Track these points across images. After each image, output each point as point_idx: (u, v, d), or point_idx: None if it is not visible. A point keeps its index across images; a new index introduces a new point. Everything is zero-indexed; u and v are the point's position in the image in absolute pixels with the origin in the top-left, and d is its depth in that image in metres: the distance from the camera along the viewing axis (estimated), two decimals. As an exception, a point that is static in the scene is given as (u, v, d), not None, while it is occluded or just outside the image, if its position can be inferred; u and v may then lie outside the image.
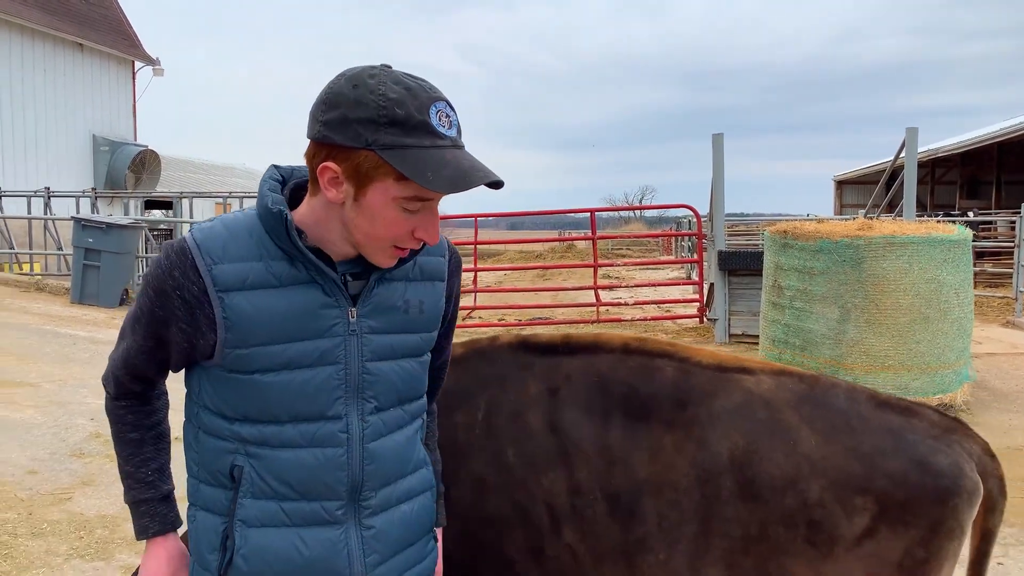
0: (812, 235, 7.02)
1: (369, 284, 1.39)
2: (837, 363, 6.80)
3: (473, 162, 1.29)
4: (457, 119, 1.30)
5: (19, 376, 6.56)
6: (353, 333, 1.38)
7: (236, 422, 1.37)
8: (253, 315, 1.32)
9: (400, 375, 1.44)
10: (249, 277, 1.32)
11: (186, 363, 1.42)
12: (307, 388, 1.36)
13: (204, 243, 1.32)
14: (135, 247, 11.02)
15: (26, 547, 3.76)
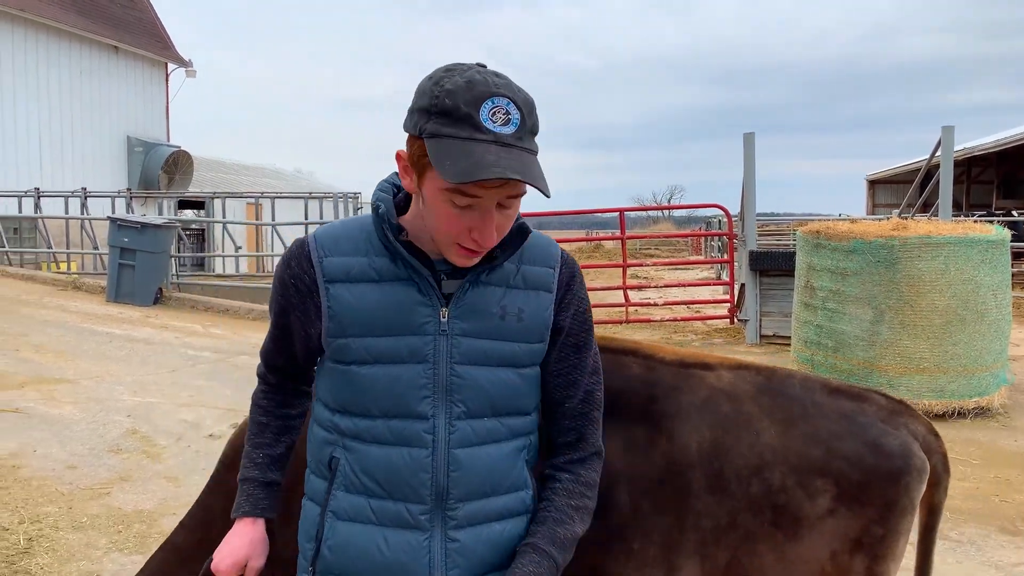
0: (845, 235, 6.93)
1: (462, 286, 1.38)
2: (871, 365, 6.72)
3: (502, 159, 1.24)
4: (520, 117, 1.27)
5: (58, 373, 6.69)
6: (443, 333, 1.37)
7: (336, 413, 1.41)
8: (352, 306, 1.37)
9: (493, 383, 1.40)
10: (353, 270, 1.38)
11: (308, 355, 1.48)
12: (397, 384, 1.37)
13: (320, 238, 1.42)
14: (169, 246, 11.18)
15: (67, 540, 3.84)
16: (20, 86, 19.86)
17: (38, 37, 20.39)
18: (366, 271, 1.38)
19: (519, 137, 1.26)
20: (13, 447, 4.90)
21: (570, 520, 1.44)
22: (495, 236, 1.33)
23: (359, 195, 13.63)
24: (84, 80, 21.86)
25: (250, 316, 10.63)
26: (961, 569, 3.93)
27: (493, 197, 1.28)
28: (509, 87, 1.28)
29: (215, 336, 9.07)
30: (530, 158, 1.27)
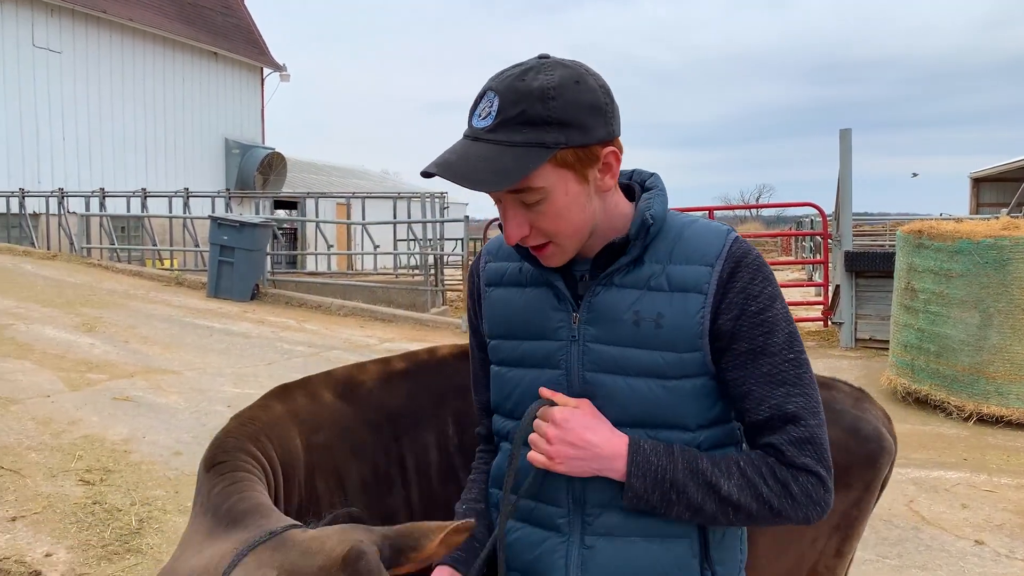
0: (950, 235, 6.62)
1: (592, 289, 1.31)
2: (977, 371, 6.41)
3: (447, 154, 1.23)
4: (498, 107, 1.20)
5: (164, 364, 7.02)
6: (574, 339, 1.32)
7: (494, 415, 1.45)
8: (500, 309, 1.40)
9: (631, 394, 1.29)
10: (505, 274, 1.42)
11: None
12: (533, 388, 1.34)
13: (490, 244, 1.48)
14: (265, 244, 11.58)
15: (174, 522, 4.03)
16: (128, 92, 20.95)
17: (144, 45, 21.45)
18: (516, 276, 1.40)
19: (492, 129, 1.20)
20: (125, 433, 5.17)
21: (727, 472, 1.26)
22: (521, 233, 1.26)
23: (445, 194, 13.85)
24: (186, 85, 22.88)
25: (341, 312, 10.91)
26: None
27: (500, 193, 1.26)
28: (509, 80, 1.21)
29: (308, 331, 9.35)
30: (493, 149, 1.19)
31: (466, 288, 1.51)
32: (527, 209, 1.24)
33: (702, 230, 1.32)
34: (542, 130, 1.19)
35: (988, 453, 5.75)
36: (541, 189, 1.22)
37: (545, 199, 1.23)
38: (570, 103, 1.19)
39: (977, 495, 4.93)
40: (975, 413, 6.40)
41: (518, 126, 1.18)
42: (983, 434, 6.21)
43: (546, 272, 1.34)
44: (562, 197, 1.23)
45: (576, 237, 1.29)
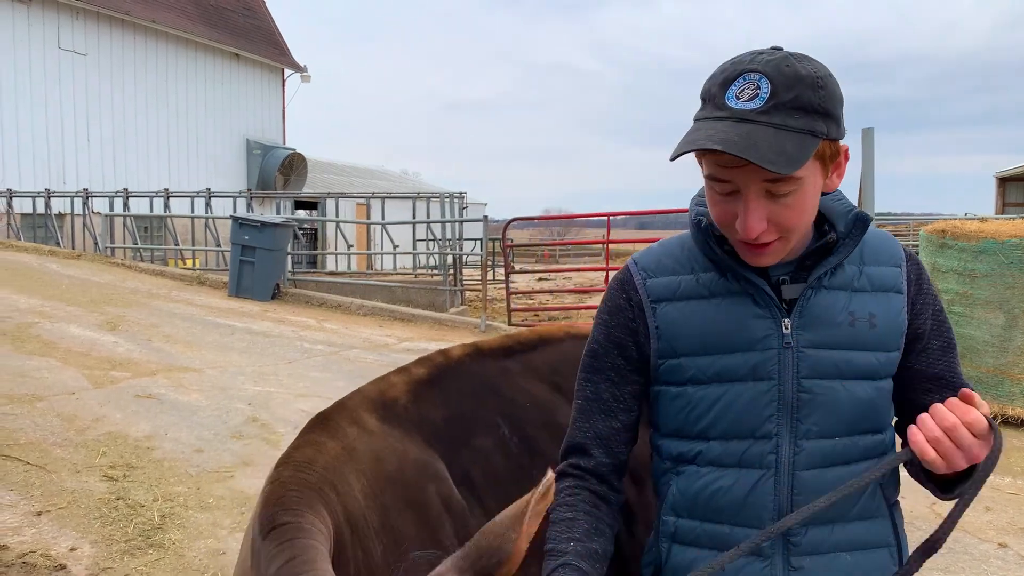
0: (975, 235, 6.55)
1: (804, 292, 1.27)
2: (1002, 372, 6.33)
3: (719, 132, 1.15)
4: (771, 89, 1.15)
5: (186, 362, 7.09)
6: (788, 346, 1.26)
7: (667, 438, 1.35)
8: (682, 324, 1.30)
9: (848, 399, 1.26)
10: (680, 288, 1.32)
11: (641, 392, 1.38)
12: (737, 404, 1.27)
13: (640, 261, 1.38)
14: (286, 244, 11.67)
15: (195, 519, 4.07)
16: (151, 93, 21.18)
17: (168, 47, 21.67)
18: (695, 288, 1.31)
19: (764, 112, 1.14)
20: (148, 430, 5.23)
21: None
22: (760, 227, 1.19)
23: (464, 195, 13.88)
24: (208, 86, 23.10)
25: (361, 312, 10.96)
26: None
27: (749, 182, 1.18)
28: (773, 64, 1.16)
29: (328, 331, 9.40)
30: (771, 132, 1.14)
31: (610, 311, 1.38)
32: (771, 201, 1.19)
33: (876, 232, 1.34)
34: (812, 118, 1.16)
35: (1012, 456, 5.68)
36: (799, 180, 1.18)
37: (796, 191, 1.19)
38: (832, 95, 1.18)
39: (1001, 498, 4.87)
40: (999, 415, 6.32)
41: (792, 111, 1.15)
42: (1008, 436, 6.13)
43: (740, 280, 1.28)
44: (810, 190, 1.21)
45: (801, 234, 1.26)
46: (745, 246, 1.24)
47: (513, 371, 1.71)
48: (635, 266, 1.37)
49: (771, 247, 1.23)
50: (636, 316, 1.34)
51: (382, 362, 7.89)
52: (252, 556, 1.22)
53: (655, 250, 1.39)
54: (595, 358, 1.38)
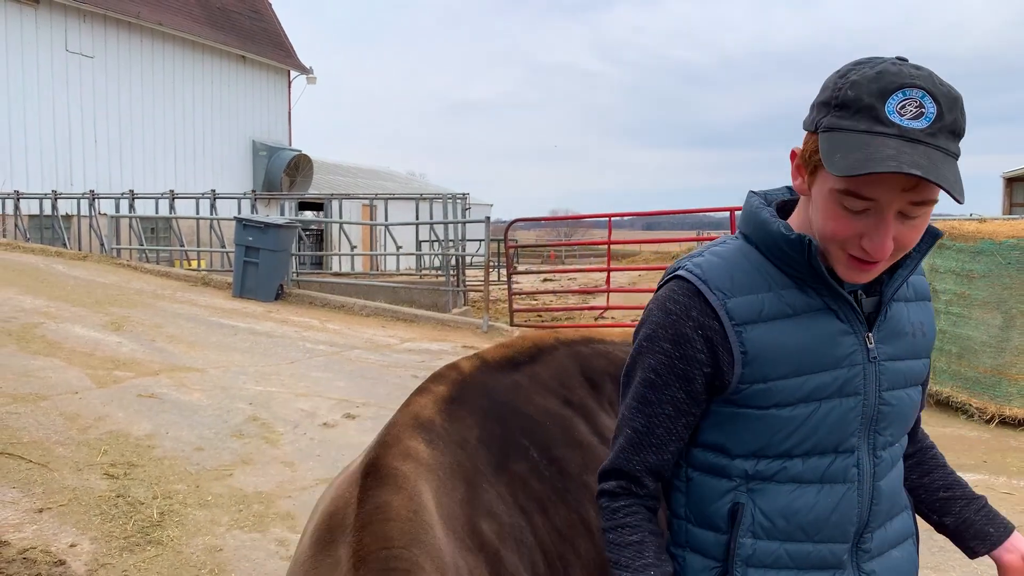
0: (972, 236, 6.57)
1: (882, 308, 1.28)
2: (999, 373, 6.34)
3: (904, 154, 1.09)
4: (936, 112, 1.11)
5: (189, 362, 7.16)
6: (873, 360, 1.27)
7: (739, 458, 1.29)
8: (773, 347, 1.24)
9: (909, 406, 1.32)
10: (764, 308, 1.25)
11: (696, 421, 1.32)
12: (825, 422, 1.25)
13: (711, 279, 1.26)
14: (290, 245, 11.74)
15: (194, 516, 4.13)
16: (158, 95, 21.30)
17: (174, 49, 21.80)
18: (779, 307, 1.25)
19: (931, 133, 1.10)
20: (149, 428, 5.29)
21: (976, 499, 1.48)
22: (890, 247, 1.16)
23: (467, 196, 13.94)
24: (214, 89, 23.21)
25: (364, 312, 11.02)
26: None
27: (893, 201, 1.14)
28: (930, 79, 1.12)
29: (331, 331, 9.46)
30: (941, 156, 1.10)
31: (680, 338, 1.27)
32: (902, 221, 1.16)
33: None
34: (957, 142, 1.14)
35: (1009, 456, 5.69)
36: (934, 203, 1.16)
37: (926, 213, 1.17)
38: (966, 122, 1.16)
39: (995, 497, 4.88)
40: (997, 415, 6.34)
41: (950, 135, 1.12)
42: (1004, 436, 6.15)
43: (823, 295, 1.26)
44: (930, 214, 1.19)
45: None
46: (855, 262, 1.20)
47: (524, 386, 1.71)
48: (705, 285, 1.25)
49: (878, 266, 1.20)
50: (716, 345, 1.25)
51: (384, 362, 7.94)
52: None
53: (721, 265, 1.28)
54: (653, 389, 1.30)
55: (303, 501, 4.42)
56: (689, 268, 1.28)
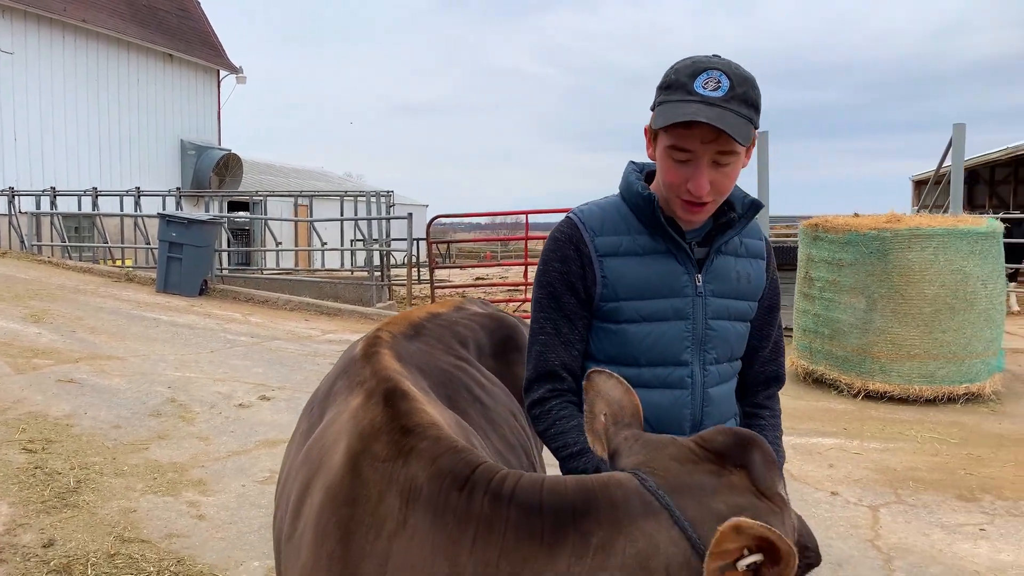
0: (842, 228, 7.23)
1: (710, 256, 1.68)
2: (864, 352, 7.01)
3: (701, 111, 1.48)
4: (730, 85, 1.52)
5: (109, 351, 7.36)
6: (700, 295, 1.67)
7: (601, 363, 1.67)
8: (624, 276, 1.65)
9: (733, 335, 1.72)
10: (621, 246, 1.67)
11: (588, 326, 1.70)
12: (663, 338, 1.66)
13: (587, 220, 1.70)
14: (213, 241, 11.89)
15: (109, 483, 4.42)
16: (81, 93, 20.98)
17: (98, 46, 21.51)
18: (632, 246, 1.66)
19: (726, 100, 1.51)
20: (67, 409, 5.53)
21: (778, 451, 1.78)
22: (707, 188, 1.55)
23: (391, 193, 14.25)
24: (141, 87, 22.95)
25: (288, 307, 11.26)
26: (909, 528, 4.27)
27: (703, 151, 1.53)
28: (728, 65, 1.55)
29: (253, 324, 9.70)
30: (731, 115, 1.50)
31: (564, 258, 1.68)
32: (715, 169, 1.55)
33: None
34: (752, 110, 1.56)
35: (867, 424, 6.34)
36: (737, 155, 1.56)
37: (733, 164, 1.57)
38: (760, 96, 1.59)
39: (845, 457, 5.49)
40: (862, 390, 7.01)
41: (742, 103, 1.53)
42: (867, 408, 6.82)
43: (668, 241, 1.65)
44: (739, 165, 1.60)
45: (723, 200, 1.64)
46: (687, 205, 1.59)
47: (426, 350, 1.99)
48: (582, 225, 1.68)
49: (706, 207, 1.60)
50: (585, 265, 1.65)
51: (303, 351, 8.25)
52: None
53: (596, 211, 1.70)
54: (553, 298, 1.68)
55: (215, 470, 4.75)
56: (575, 212, 1.72)
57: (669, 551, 1.14)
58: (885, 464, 5.30)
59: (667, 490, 1.19)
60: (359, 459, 1.36)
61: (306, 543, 1.37)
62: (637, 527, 1.16)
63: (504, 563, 1.18)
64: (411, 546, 1.25)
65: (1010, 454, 5.50)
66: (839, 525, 4.27)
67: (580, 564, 1.15)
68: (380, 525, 1.28)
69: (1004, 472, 5.14)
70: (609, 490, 1.20)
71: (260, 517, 4.14)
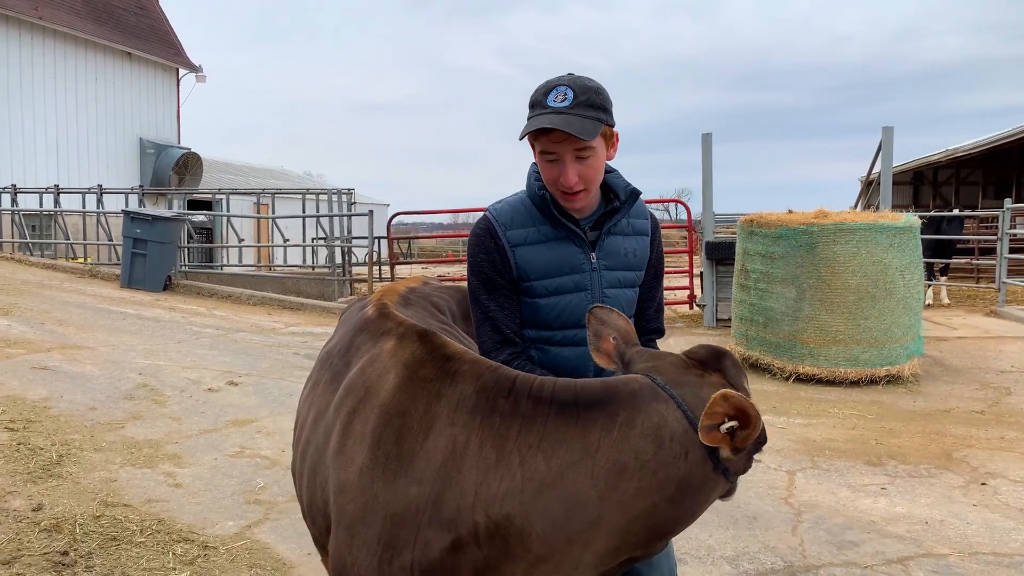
0: (775, 223, 7.78)
1: (601, 237, 2.05)
2: (794, 338, 7.56)
3: (549, 119, 1.85)
4: (574, 95, 1.88)
5: (79, 341, 7.61)
6: (595, 270, 2.05)
7: (528, 328, 2.09)
8: (532, 261, 2.03)
9: (624, 298, 2.09)
10: (528, 237, 2.04)
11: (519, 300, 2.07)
12: (568, 307, 2.04)
13: (499, 217, 2.06)
14: (177, 238, 12.11)
15: (90, 457, 4.75)
16: (39, 91, 20.89)
17: (55, 45, 21.43)
18: (536, 236, 2.03)
19: (572, 107, 1.87)
20: (44, 394, 5.82)
21: None
22: (575, 179, 1.91)
23: (352, 191, 14.56)
24: (99, 85, 22.89)
25: (251, 302, 11.55)
26: (820, 488, 4.78)
27: (563, 150, 1.90)
28: (573, 80, 1.92)
29: (217, 317, 9.99)
30: (575, 118, 1.86)
31: (487, 251, 2.05)
32: (579, 162, 1.90)
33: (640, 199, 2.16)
34: (599, 111, 1.91)
35: (795, 403, 6.89)
36: (594, 148, 1.91)
37: (593, 156, 1.92)
38: (607, 99, 1.95)
39: (771, 431, 6.00)
40: (793, 373, 7.56)
41: (587, 107, 1.89)
42: (796, 390, 7.37)
43: (569, 227, 2.02)
44: (600, 156, 1.94)
45: (596, 187, 1.99)
46: (564, 195, 1.95)
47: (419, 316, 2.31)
48: (495, 221, 2.03)
49: (580, 195, 1.95)
50: (502, 254, 2.02)
51: (267, 342, 8.58)
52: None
53: (507, 209, 2.06)
54: (488, 282, 2.04)
55: (188, 446, 5.10)
56: (490, 210, 2.09)
57: (674, 424, 1.58)
58: (806, 436, 5.84)
59: (670, 384, 1.63)
60: (409, 382, 1.71)
61: (362, 450, 1.68)
62: (652, 407, 1.59)
63: (545, 443, 1.57)
64: (458, 442, 1.60)
65: (918, 427, 6.08)
66: (759, 487, 4.77)
67: (608, 436, 1.57)
68: (429, 427, 1.63)
69: (911, 441, 5.70)
70: (629, 384, 1.64)
71: (233, 485, 4.51)
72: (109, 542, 3.68)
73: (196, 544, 3.74)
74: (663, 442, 1.57)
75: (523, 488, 1.55)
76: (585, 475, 1.55)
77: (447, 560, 1.58)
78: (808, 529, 4.16)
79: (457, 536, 1.57)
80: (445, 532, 1.57)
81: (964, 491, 4.72)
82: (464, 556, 1.57)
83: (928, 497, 4.62)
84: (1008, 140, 21.72)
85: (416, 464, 1.60)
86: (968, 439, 5.75)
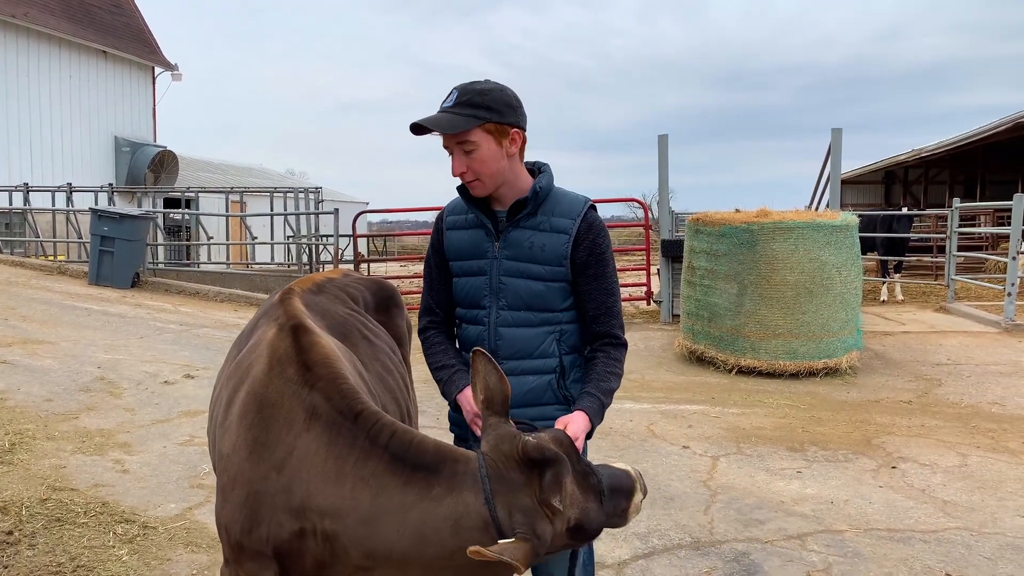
0: (719, 222, 8.07)
1: (507, 228, 2.23)
2: (736, 332, 7.86)
3: (424, 117, 2.08)
4: (457, 96, 2.11)
5: (41, 337, 7.78)
6: (496, 258, 2.24)
7: (457, 306, 2.36)
8: (455, 243, 2.31)
9: (524, 289, 2.22)
10: (459, 222, 2.31)
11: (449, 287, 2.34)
12: (471, 288, 2.28)
13: (450, 205, 2.35)
14: (145, 235, 12.26)
15: (42, 446, 4.95)
16: (12, 89, 20.89)
17: (29, 42, 21.43)
18: (463, 222, 2.30)
19: (451, 107, 2.10)
20: (1, 386, 6.00)
21: (608, 379, 2.23)
22: (460, 169, 2.15)
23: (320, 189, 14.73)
24: (73, 83, 22.90)
25: (218, 299, 11.72)
26: (739, 472, 5.06)
27: (450, 145, 2.14)
28: (469, 83, 2.14)
29: (183, 313, 10.16)
30: (447, 116, 2.08)
31: (434, 234, 2.39)
32: (466, 156, 2.12)
33: (572, 198, 2.28)
34: (478, 109, 2.10)
35: (734, 394, 7.17)
36: (474, 143, 2.11)
37: (476, 150, 2.12)
38: (495, 99, 2.12)
39: (705, 420, 6.29)
40: (736, 365, 7.86)
41: (465, 106, 2.10)
42: (738, 381, 7.66)
43: (480, 217, 2.25)
44: (486, 151, 2.12)
45: (493, 179, 2.16)
46: (468, 186, 2.18)
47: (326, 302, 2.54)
48: (446, 209, 2.35)
49: (475, 185, 2.17)
50: (440, 236, 2.34)
51: (229, 338, 8.76)
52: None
53: (456, 201, 2.31)
54: (429, 258, 2.38)
55: (139, 435, 5.31)
56: (450, 202, 2.36)
57: (475, 518, 1.73)
58: (737, 425, 6.12)
59: (491, 477, 1.75)
60: (274, 375, 1.92)
61: (236, 428, 1.91)
62: (463, 495, 1.74)
63: (373, 482, 1.75)
64: (310, 447, 1.79)
65: (846, 416, 6.37)
66: (681, 471, 5.04)
67: (420, 504, 1.74)
68: (290, 425, 1.83)
69: (835, 430, 5.99)
70: (456, 463, 1.78)
71: (179, 471, 4.72)
72: (53, 523, 3.89)
73: (137, 524, 3.96)
74: (460, 530, 1.72)
75: (349, 512, 1.75)
76: (395, 528, 1.73)
77: (294, 544, 1.80)
78: (720, 509, 4.42)
79: (302, 527, 1.79)
80: (294, 520, 1.79)
81: (874, 474, 5.00)
82: (307, 545, 1.79)
83: (839, 480, 4.90)
84: (971, 141, 22.14)
85: (277, 454, 1.81)
86: (890, 427, 6.05)
